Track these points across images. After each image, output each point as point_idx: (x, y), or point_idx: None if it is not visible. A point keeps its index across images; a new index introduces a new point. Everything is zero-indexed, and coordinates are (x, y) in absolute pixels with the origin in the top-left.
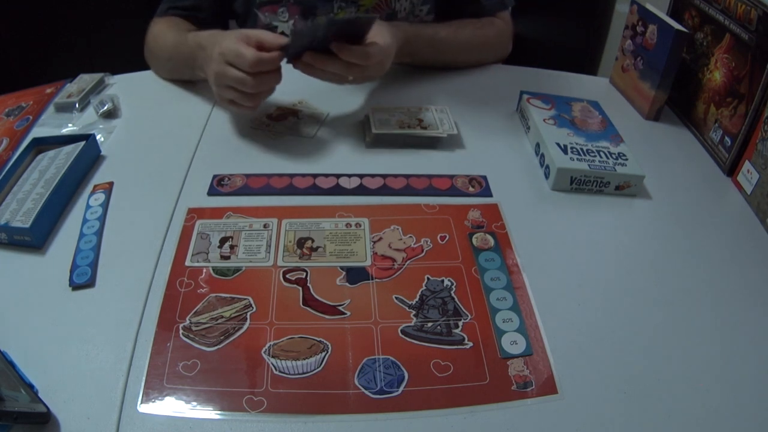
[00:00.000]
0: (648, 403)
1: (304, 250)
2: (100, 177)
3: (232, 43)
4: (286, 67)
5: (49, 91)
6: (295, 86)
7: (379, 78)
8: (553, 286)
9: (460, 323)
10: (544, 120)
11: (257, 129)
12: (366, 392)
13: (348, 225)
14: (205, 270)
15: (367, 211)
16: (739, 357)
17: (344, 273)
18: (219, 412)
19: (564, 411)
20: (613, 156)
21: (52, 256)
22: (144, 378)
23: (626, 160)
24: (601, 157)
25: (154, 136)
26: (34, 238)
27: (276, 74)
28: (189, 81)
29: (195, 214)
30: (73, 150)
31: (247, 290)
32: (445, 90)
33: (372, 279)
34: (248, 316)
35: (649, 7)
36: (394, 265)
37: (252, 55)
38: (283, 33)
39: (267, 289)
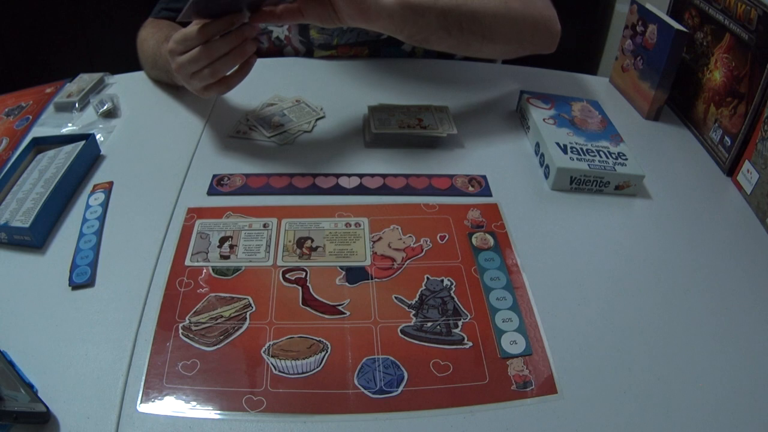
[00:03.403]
0: (648, 403)
1: (304, 249)
2: (99, 176)
3: (176, 35)
4: (286, 66)
5: (48, 90)
6: (293, 84)
7: (379, 77)
8: (552, 285)
9: (460, 323)
10: (543, 120)
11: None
12: (365, 392)
13: (347, 225)
14: (204, 269)
15: (367, 211)
16: (739, 357)
17: (344, 273)
18: (218, 411)
19: (563, 411)
20: (613, 156)
21: (51, 256)
22: (143, 377)
23: (626, 159)
24: (600, 156)
25: (154, 136)
26: (34, 238)
27: (230, 38)
28: None
29: (194, 213)
30: (72, 150)
31: (246, 290)
32: (445, 90)
33: (371, 279)
34: (248, 316)
35: (649, 6)
36: (393, 264)
37: (192, 29)
38: (277, 38)
39: (266, 288)
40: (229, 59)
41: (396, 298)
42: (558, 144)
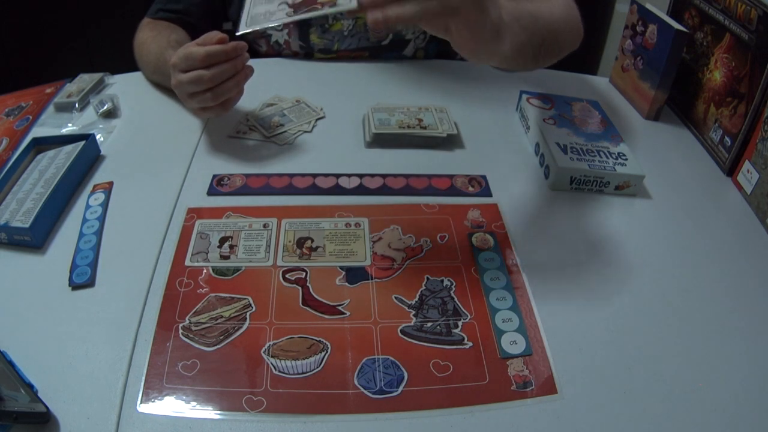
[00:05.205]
0: (648, 403)
1: (304, 249)
2: (99, 177)
3: (181, 51)
4: (286, 66)
5: (48, 90)
6: (293, 85)
7: (379, 77)
8: (552, 286)
9: (460, 323)
10: (544, 120)
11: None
12: (365, 392)
13: (347, 225)
14: (204, 270)
15: (367, 211)
16: (739, 357)
17: (344, 273)
18: (218, 411)
19: (563, 411)
20: (613, 156)
21: (51, 256)
22: (143, 378)
23: (626, 159)
24: (600, 156)
25: (154, 136)
26: (34, 238)
27: (234, 64)
28: None
29: (194, 213)
30: (72, 150)
31: (246, 290)
32: (445, 90)
33: (371, 279)
34: (248, 316)
35: (649, 6)
36: (393, 264)
37: (201, 50)
38: (276, 42)
39: (266, 288)
40: (232, 84)
41: (396, 298)
42: (558, 144)
